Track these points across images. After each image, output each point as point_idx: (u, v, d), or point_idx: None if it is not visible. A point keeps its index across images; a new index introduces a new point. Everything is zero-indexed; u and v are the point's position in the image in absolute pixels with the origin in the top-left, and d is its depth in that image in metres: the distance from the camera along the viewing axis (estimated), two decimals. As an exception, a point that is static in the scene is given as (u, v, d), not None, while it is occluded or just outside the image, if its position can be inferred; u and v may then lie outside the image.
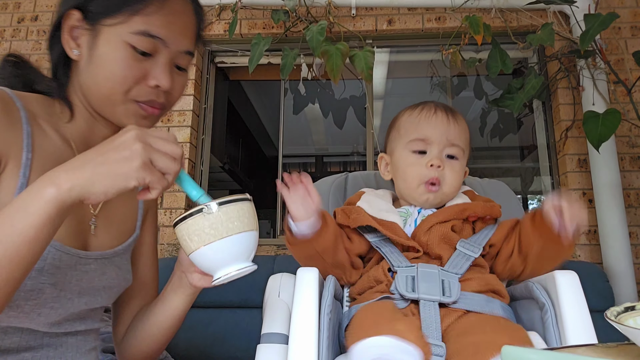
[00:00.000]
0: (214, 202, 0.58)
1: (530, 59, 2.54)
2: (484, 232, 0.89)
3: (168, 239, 2.29)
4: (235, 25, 2.30)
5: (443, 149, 0.91)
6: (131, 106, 0.71)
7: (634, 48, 2.31)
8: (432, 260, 0.84)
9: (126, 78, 0.68)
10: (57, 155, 0.71)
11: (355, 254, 0.90)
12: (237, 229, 0.59)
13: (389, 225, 0.87)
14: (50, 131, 0.72)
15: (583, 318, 0.70)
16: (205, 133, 2.56)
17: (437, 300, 0.75)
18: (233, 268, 0.60)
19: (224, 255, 0.59)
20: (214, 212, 0.58)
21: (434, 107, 0.95)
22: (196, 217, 0.58)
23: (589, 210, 2.19)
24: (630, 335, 0.41)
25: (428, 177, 0.89)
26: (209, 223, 0.58)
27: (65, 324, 0.72)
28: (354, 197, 0.99)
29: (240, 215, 0.60)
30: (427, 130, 0.92)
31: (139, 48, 0.68)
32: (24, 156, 0.66)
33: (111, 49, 0.68)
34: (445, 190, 0.91)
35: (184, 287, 0.77)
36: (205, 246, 0.58)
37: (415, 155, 0.92)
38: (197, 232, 0.58)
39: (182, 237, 0.59)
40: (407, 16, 2.49)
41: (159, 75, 0.70)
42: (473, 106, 3.47)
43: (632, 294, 1.97)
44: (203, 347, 1.84)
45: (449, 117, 0.93)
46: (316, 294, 0.75)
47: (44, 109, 0.73)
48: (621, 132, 2.21)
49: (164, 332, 0.81)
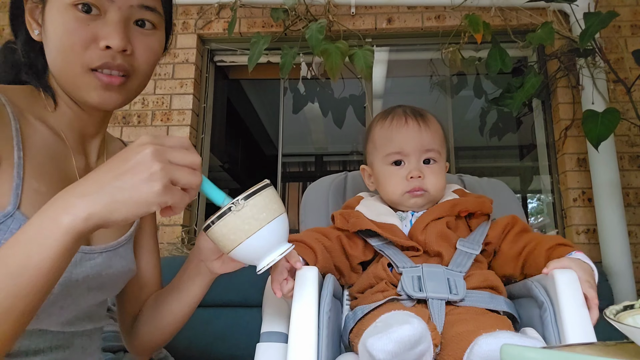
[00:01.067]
0: (240, 198, 0.58)
1: (529, 57, 2.54)
2: (479, 230, 0.90)
3: (168, 238, 2.29)
4: (235, 24, 2.30)
5: (419, 158, 0.92)
6: (87, 78, 0.65)
7: (633, 47, 2.31)
8: (431, 258, 0.85)
9: (74, 44, 0.63)
10: (48, 148, 0.69)
11: (358, 261, 0.90)
12: (268, 217, 0.60)
13: (388, 227, 0.88)
14: (37, 124, 0.69)
15: (582, 317, 0.70)
16: (204, 132, 2.55)
17: (445, 298, 0.76)
18: (275, 254, 0.62)
19: (263, 245, 0.61)
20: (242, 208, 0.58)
21: (403, 116, 0.94)
22: (227, 218, 0.58)
23: (588, 209, 2.20)
24: (629, 334, 0.41)
25: (410, 188, 0.91)
26: (241, 220, 0.58)
27: (76, 323, 0.72)
28: (352, 200, 0.99)
29: (267, 203, 0.60)
30: (401, 142, 0.92)
31: (78, 4, 0.62)
32: (15, 155, 0.63)
33: (57, 16, 0.63)
34: (432, 193, 0.92)
35: (202, 274, 0.76)
36: (245, 241, 0.59)
37: (393, 168, 0.93)
38: (232, 231, 0.58)
39: (217, 238, 0.60)
40: (406, 15, 2.49)
41: (108, 33, 0.63)
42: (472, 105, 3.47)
43: (631, 292, 1.97)
44: (203, 346, 1.85)
45: (420, 124, 0.93)
46: (315, 293, 0.75)
47: (29, 100, 0.70)
48: (620, 131, 2.22)
49: (178, 319, 0.81)
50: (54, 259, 0.49)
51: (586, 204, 2.21)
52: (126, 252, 0.79)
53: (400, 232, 0.88)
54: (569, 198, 2.24)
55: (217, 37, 2.57)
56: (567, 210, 2.27)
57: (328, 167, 5.37)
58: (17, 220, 0.61)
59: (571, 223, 2.21)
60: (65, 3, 0.63)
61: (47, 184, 0.66)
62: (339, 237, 0.90)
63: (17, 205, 0.62)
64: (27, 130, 0.66)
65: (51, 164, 0.69)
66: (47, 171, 0.67)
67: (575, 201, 2.22)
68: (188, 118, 2.42)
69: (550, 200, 2.44)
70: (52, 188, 0.66)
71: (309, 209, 1.12)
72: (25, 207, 0.62)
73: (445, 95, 2.68)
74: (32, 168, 0.65)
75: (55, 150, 0.70)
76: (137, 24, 0.68)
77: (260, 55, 2.22)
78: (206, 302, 1.83)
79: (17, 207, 0.61)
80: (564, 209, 2.30)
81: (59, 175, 0.69)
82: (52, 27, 0.64)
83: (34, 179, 0.65)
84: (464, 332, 0.68)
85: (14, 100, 0.67)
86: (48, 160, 0.68)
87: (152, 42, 0.70)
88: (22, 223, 0.61)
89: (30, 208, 0.63)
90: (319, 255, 0.84)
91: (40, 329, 0.67)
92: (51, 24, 0.64)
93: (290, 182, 5.23)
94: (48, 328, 0.68)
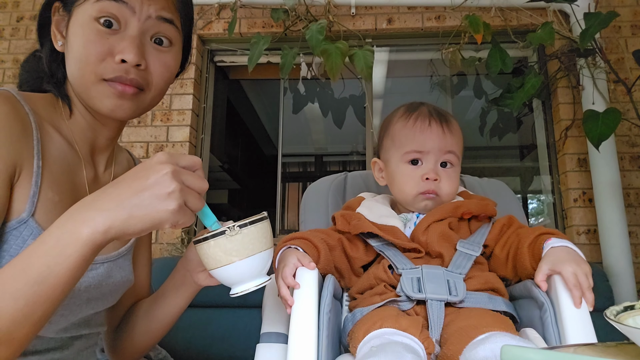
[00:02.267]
0: (236, 225, 0.61)
1: (530, 58, 2.54)
2: (480, 231, 0.89)
3: (168, 238, 2.29)
4: (235, 24, 2.30)
5: (438, 159, 0.91)
6: (101, 87, 0.67)
7: (634, 47, 2.31)
8: (433, 259, 0.85)
9: (90, 55, 0.65)
10: (63, 159, 0.70)
11: (359, 264, 0.90)
12: (257, 249, 0.63)
13: (390, 229, 0.87)
14: (54, 134, 0.71)
15: (582, 317, 0.70)
16: (204, 132, 2.55)
17: (444, 299, 0.76)
18: (252, 284, 0.64)
19: (245, 272, 0.63)
20: (236, 235, 0.61)
21: (428, 116, 0.93)
22: (219, 239, 0.61)
23: (588, 209, 2.19)
24: (629, 335, 0.41)
25: (424, 189, 0.90)
26: (232, 245, 0.61)
27: (71, 329, 0.73)
28: (353, 201, 0.99)
29: (259, 235, 0.63)
30: (422, 142, 0.91)
31: (101, 18, 0.64)
32: (35, 164, 0.65)
33: (80, 29, 0.66)
34: (443, 198, 0.91)
35: (187, 285, 0.78)
36: (228, 265, 0.62)
37: (410, 167, 0.92)
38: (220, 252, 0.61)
39: (205, 254, 0.62)
40: (406, 15, 2.49)
41: (124, 48, 0.65)
42: (472, 105, 3.47)
43: (632, 293, 1.97)
44: (203, 347, 1.84)
45: (443, 127, 0.92)
46: (315, 293, 0.75)
47: (48, 109, 0.72)
48: (621, 131, 2.21)
49: (161, 327, 0.82)
50: (72, 269, 0.52)
51: (587, 205, 2.21)
52: (125, 262, 0.80)
53: (402, 234, 0.87)
54: (569, 198, 2.24)
55: (217, 38, 2.57)
56: (567, 210, 2.27)
57: (328, 167, 5.37)
58: (29, 227, 0.63)
59: (572, 223, 2.21)
60: (89, 16, 0.66)
61: (60, 193, 0.68)
62: (340, 239, 0.90)
63: (31, 213, 0.63)
64: (46, 141, 0.68)
65: (65, 173, 0.70)
66: (61, 181, 0.69)
67: (575, 201, 2.22)
68: (188, 118, 2.42)
69: (550, 200, 2.44)
70: (64, 197, 0.68)
71: (308, 209, 1.12)
72: (39, 215, 0.64)
73: (446, 96, 2.68)
74: (49, 177, 0.66)
75: (68, 160, 0.71)
76: (154, 42, 0.70)
77: (260, 56, 2.22)
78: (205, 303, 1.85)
79: (31, 215, 0.63)
80: (565, 210, 2.30)
81: (70, 185, 0.71)
82: (74, 39, 0.67)
83: (50, 188, 0.66)
84: (465, 326, 0.68)
85: (35, 108, 0.69)
86: (62, 170, 0.70)
87: (167, 58, 0.71)
88: (34, 230, 0.63)
89: (44, 216, 0.64)
90: (322, 256, 0.84)
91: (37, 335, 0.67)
92: (73, 36, 0.67)
93: (290, 182, 5.22)
94: (44, 335, 0.68)
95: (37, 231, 0.63)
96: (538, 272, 0.75)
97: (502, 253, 0.86)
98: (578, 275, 0.71)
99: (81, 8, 0.66)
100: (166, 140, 2.40)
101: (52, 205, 0.66)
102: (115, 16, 0.65)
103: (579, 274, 0.71)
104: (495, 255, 0.88)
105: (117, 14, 0.65)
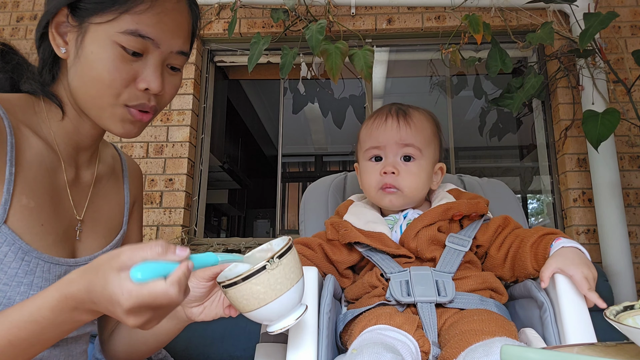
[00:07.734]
0: (275, 256, 0.56)
1: (529, 58, 2.54)
2: (471, 227, 0.89)
3: (167, 238, 2.29)
4: (235, 24, 2.30)
5: (397, 153, 0.92)
6: (119, 110, 0.68)
7: (633, 47, 2.32)
8: (424, 263, 0.84)
9: (114, 80, 0.65)
10: (40, 162, 0.69)
11: (344, 267, 0.91)
12: (296, 277, 0.58)
13: (377, 236, 0.87)
14: (31, 137, 0.69)
15: (582, 317, 0.70)
16: (204, 132, 2.55)
17: (433, 301, 0.76)
18: (293, 316, 0.60)
19: (288, 305, 0.58)
20: (277, 268, 0.56)
21: (385, 113, 0.95)
22: (261, 276, 0.55)
23: (588, 209, 2.20)
24: (629, 334, 0.41)
25: (382, 183, 0.91)
26: (275, 279, 0.56)
27: None
28: (342, 207, 1.00)
29: (296, 262, 0.59)
30: (378, 137, 0.93)
31: (128, 48, 0.65)
32: (7, 171, 0.64)
33: (99, 49, 0.65)
34: (406, 192, 0.91)
35: (178, 319, 0.74)
36: (273, 302, 0.56)
37: (372, 163, 0.94)
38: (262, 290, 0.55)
39: (242, 297, 0.56)
40: (406, 15, 2.49)
41: (149, 77, 0.67)
42: (472, 105, 3.47)
43: (631, 293, 1.97)
44: (202, 347, 1.84)
45: (399, 120, 0.93)
46: (315, 293, 0.75)
47: (26, 110, 0.71)
48: (620, 131, 2.21)
49: (150, 348, 0.80)
50: (65, 333, 0.58)
51: (586, 205, 2.21)
52: None
53: (390, 241, 0.87)
54: (569, 198, 2.24)
55: (217, 38, 2.57)
56: (567, 210, 2.27)
57: (328, 167, 5.37)
58: (3, 234, 0.63)
59: (571, 223, 2.21)
60: (111, 39, 0.65)
61: (36, 198, 0.67)
62: (321, 244, 0.91)
63: (3, 220, 0.63)
64: (21, 145, 0.67)
65: (42, 177, 0.69)
66: (37, 185, 0.68)
67: (575, 201, 2.22)
68: (188, 118, 2.42)
69: (550, 200, 2.44)
70: (41, 202, 0.68)
71: (308, 209, 1.12)
72: (12, 222, 0.64)
73: (445, 96, 2.68)
74: (23, 183, 0.66)
75: (46, 162, 0.71)
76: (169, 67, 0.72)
77: (260, 56, 2.22)
78: (206, 303, 1.84)
79: (3, 222, 0.63)
80: (564, 210, 2.30)
81: (48, 187, 0.70)
82: (92, 57, 0.66)
83: (24, 194, 0.66)
84: (467, 330, 0.68)
85: (11, 111, 0.68)
86: (39, 174, 0.69)
87: (177, 80, 0.74)
88: (7, 237, 0.63)
89: (17, 223, 0.64)
90: None
91: None
92: (92, 54, 0.66)
93: (290, 182, 5.23)
94: None
95: (10, 237, 0.63)
96: (546, 268, 0.75)
97: (499, 253, 0.86)
98: (589, 280, 0.71)
99: (101, 28, 0.65)
100: (166, 140, 2.40)
101: (27, 211, 0.65)
102: (139, 48, 0.66)
103: (589, 279, 0.71)
104: (491, 255, 0.87)
105: (142, 46, 0.66)
